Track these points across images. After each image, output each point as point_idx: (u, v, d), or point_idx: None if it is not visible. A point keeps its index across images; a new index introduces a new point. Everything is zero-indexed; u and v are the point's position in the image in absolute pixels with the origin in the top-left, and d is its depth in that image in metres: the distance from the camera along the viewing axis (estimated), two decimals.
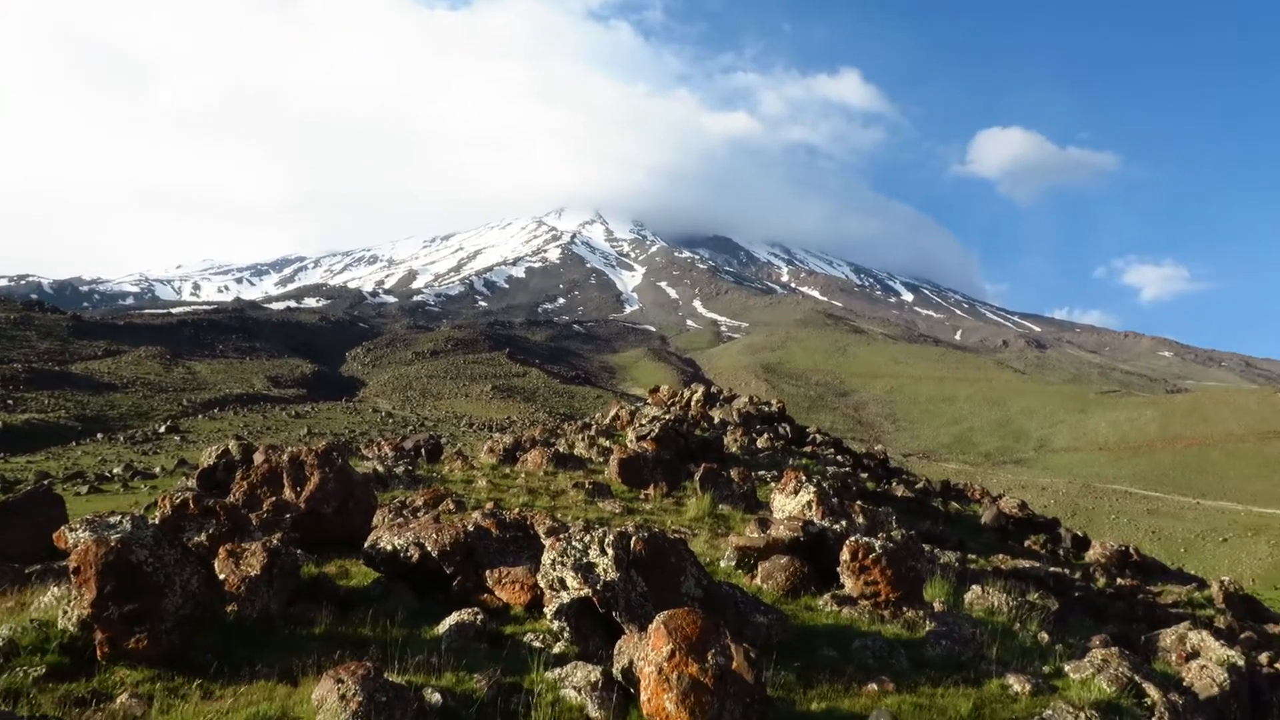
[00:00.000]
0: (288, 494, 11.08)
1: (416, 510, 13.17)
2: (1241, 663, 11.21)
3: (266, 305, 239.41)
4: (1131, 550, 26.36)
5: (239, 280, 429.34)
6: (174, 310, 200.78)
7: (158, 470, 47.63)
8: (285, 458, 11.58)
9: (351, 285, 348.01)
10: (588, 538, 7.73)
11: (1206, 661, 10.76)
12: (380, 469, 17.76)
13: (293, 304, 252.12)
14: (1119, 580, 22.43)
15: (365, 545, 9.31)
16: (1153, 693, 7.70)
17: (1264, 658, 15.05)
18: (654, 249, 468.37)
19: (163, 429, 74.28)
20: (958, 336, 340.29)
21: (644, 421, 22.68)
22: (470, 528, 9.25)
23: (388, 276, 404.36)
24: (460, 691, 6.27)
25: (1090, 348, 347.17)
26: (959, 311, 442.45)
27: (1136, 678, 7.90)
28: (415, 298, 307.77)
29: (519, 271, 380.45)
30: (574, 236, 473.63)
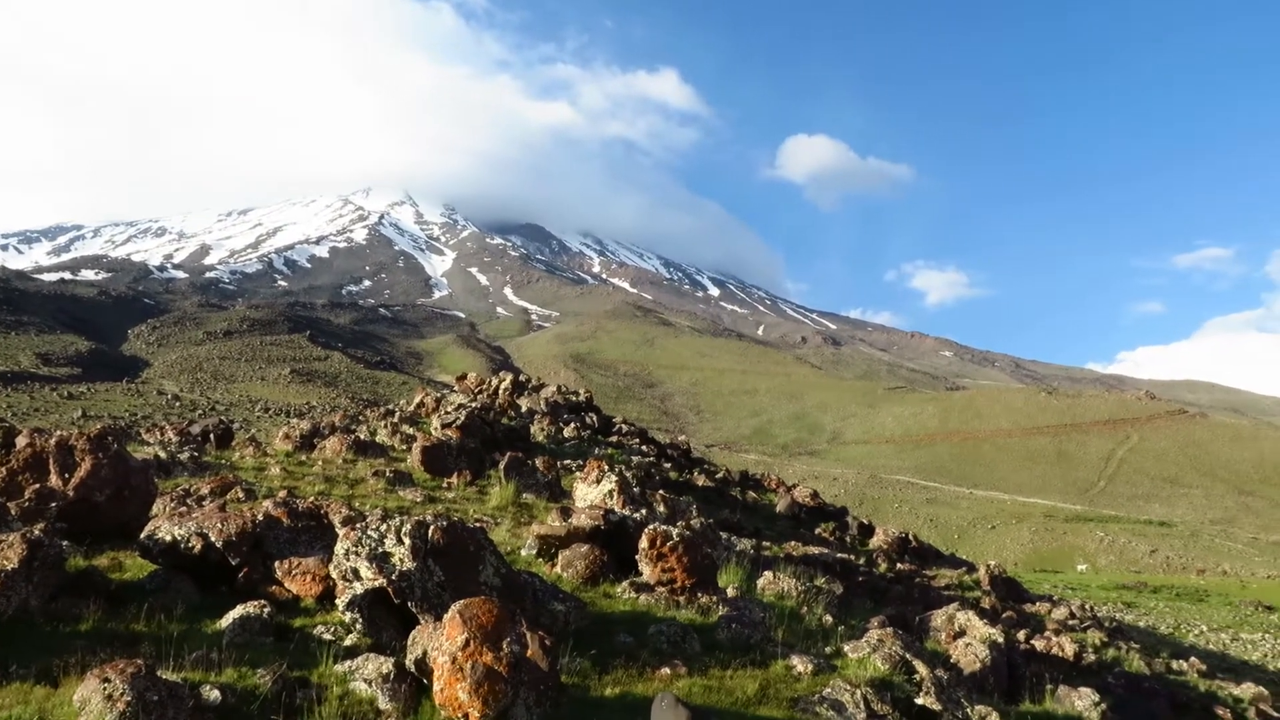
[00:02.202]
0: (54, 481, 10.23)
1: (202, 499, 12.47)
2: (1001, 640, 12.20)
3: (36, 276, 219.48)
4: (911, 537, 28.16)
5: (4, 247, 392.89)
6: None
7: None
8: (53, 442, 10.69)
9: (136, 258, 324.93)
10: (384, 527, 7.54)
11: (971, 639, 11.65)
12: (163, 455, 16.68)
13: (68, 275, 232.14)
14: (899, 565, 23.90)
15: (142, 536, 8.74)
16: (921, 669, 8.26)
17: (1021, 635, 16.44)
18: (465, 234, 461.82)
19: None
20: (760, 332, 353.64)
21: (450, 409, 22.34)
22: (260, 517, 8.84)
23: (178, 250, 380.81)
24: (242, 688, 5.99)
25: (880, 346, 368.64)
26: (762, 308, 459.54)
27: (908, 655, 8.46)
28: (208, 274, 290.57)
29: (322, 251, 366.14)
30: (382, 217, 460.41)
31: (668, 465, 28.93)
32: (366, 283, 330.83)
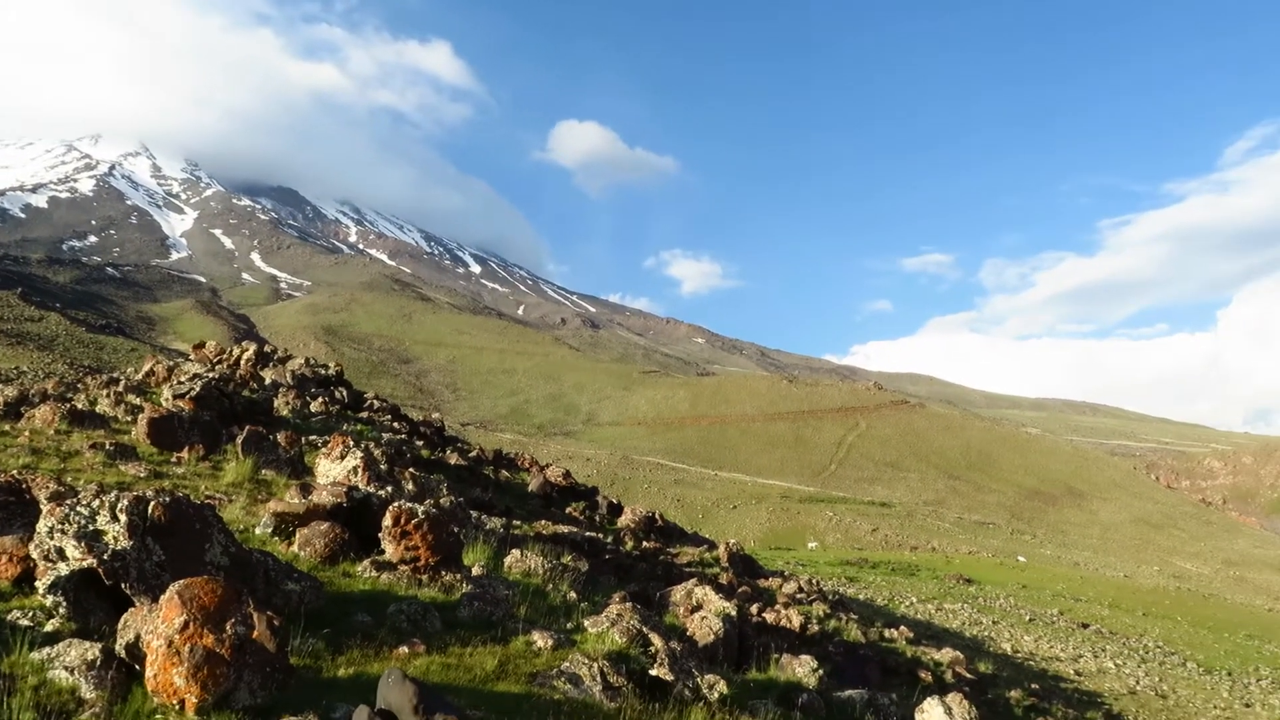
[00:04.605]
0: None
1: None
2: (735, 613, 12.86)
3: None
4: (658, 516, 29.10)
5: None
6: None
7: None
8: None
9: None
10: (97, 503, 6.93)
11: (707, 613, 12.21)
12: None
13: None
14: (645, 543, 24.63)
15: None
16: (656, 641, 8.57)
17: (754, 608, 17.43)
18: (209, 193, 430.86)
19: None
20: (521, 311, 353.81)
21: (184, 379, 20.84)
22: None
23: None
24: None
25: (637, 330, 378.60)
26: (523, 287, 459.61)
27: (645, 629, 8.75)
28: None
29: (40, 200, 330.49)
30: (113, 168, 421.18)
31: (420, 443, 28.38)
32: (92, 238, 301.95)
